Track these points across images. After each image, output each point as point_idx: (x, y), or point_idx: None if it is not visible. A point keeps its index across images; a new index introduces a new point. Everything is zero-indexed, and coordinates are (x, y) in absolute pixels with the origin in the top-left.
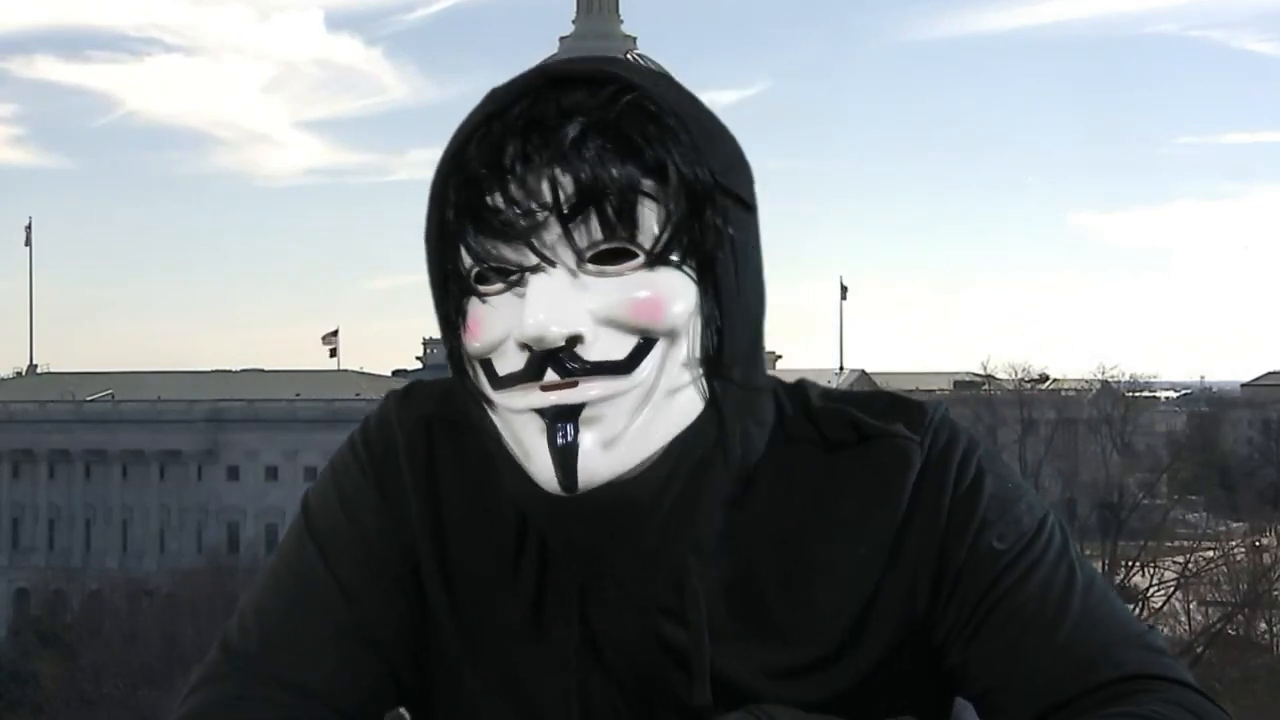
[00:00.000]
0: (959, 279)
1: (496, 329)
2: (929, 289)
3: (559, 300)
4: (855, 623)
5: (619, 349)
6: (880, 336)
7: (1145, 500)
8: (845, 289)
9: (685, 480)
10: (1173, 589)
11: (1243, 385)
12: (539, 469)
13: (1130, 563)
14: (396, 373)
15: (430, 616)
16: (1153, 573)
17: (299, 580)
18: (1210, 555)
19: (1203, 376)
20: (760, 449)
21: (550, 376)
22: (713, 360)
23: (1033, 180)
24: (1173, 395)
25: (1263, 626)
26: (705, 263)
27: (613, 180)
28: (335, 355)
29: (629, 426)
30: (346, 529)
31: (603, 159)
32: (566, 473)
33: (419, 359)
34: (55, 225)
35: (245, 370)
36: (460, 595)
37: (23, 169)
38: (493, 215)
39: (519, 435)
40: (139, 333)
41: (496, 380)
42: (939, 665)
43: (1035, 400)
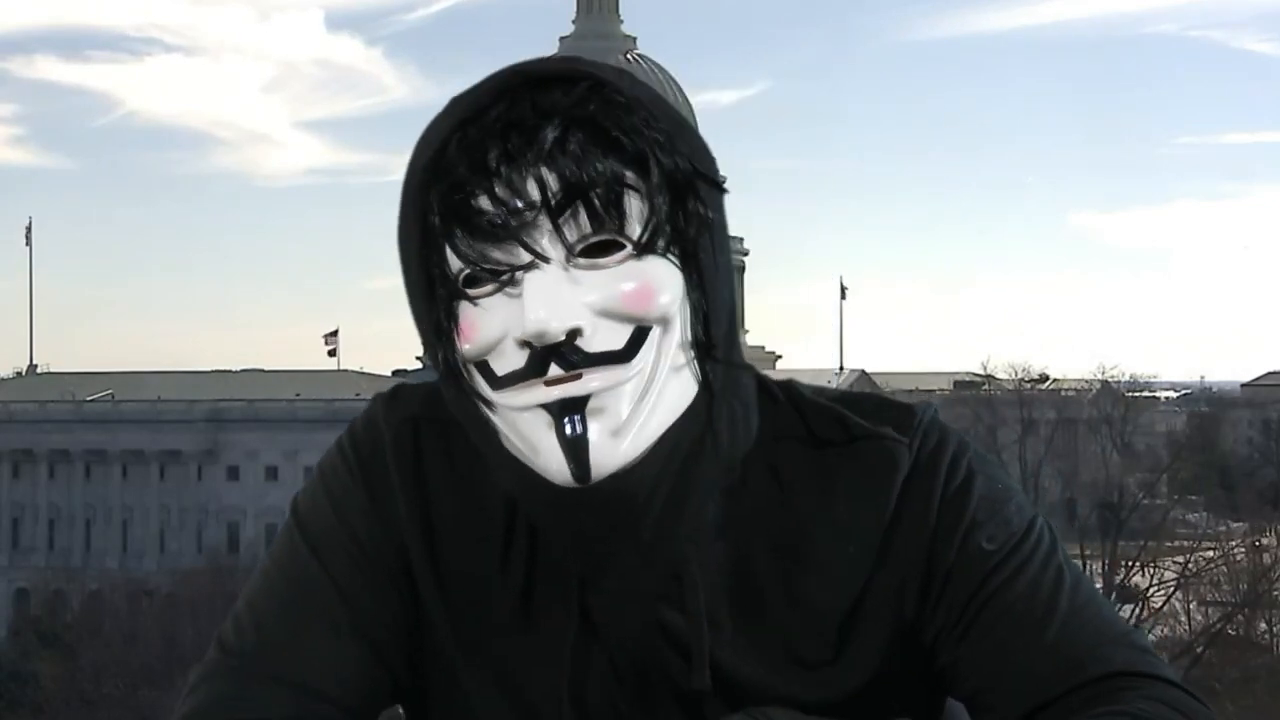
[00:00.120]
0: (959, 279)
1: (492, 330)
2: (929, 289)
3: (556, 295)
4: (845, 619)
5: (617, 339)
6: (880, 336)
7: (1145, 500)
8: (845, 289)
9: (679, 469)
10: (1173, 589)
11: (1243, 385)
12: (549, 463)
13: (1130, 563)
14: (396, 373)
15: (423, 615)
16: (1153, 573)
17: (293, 581)
18: (1210, 555)
19: (1203, 376)
20: (749, 439)
21: (554, 371)
22: (702, 344)
23: (1033, 180)
24: (1173, 395)
25: (1263, 626)
26: (688, 249)
27: (598, 174)
28: (335, 355)
29: (633, 414)
30: (338, 529)
31: (586, 154)
32: (579, 464)
33: (419, 359)
34: (55, 225)
35: (245, 370)
36: (451, 592)
37: (23, 169)
38: (480, 217)
39: (525, 432)
40: (139, 333)
41: (496, 381)
42: (930, 666)
43: (1035, 400)
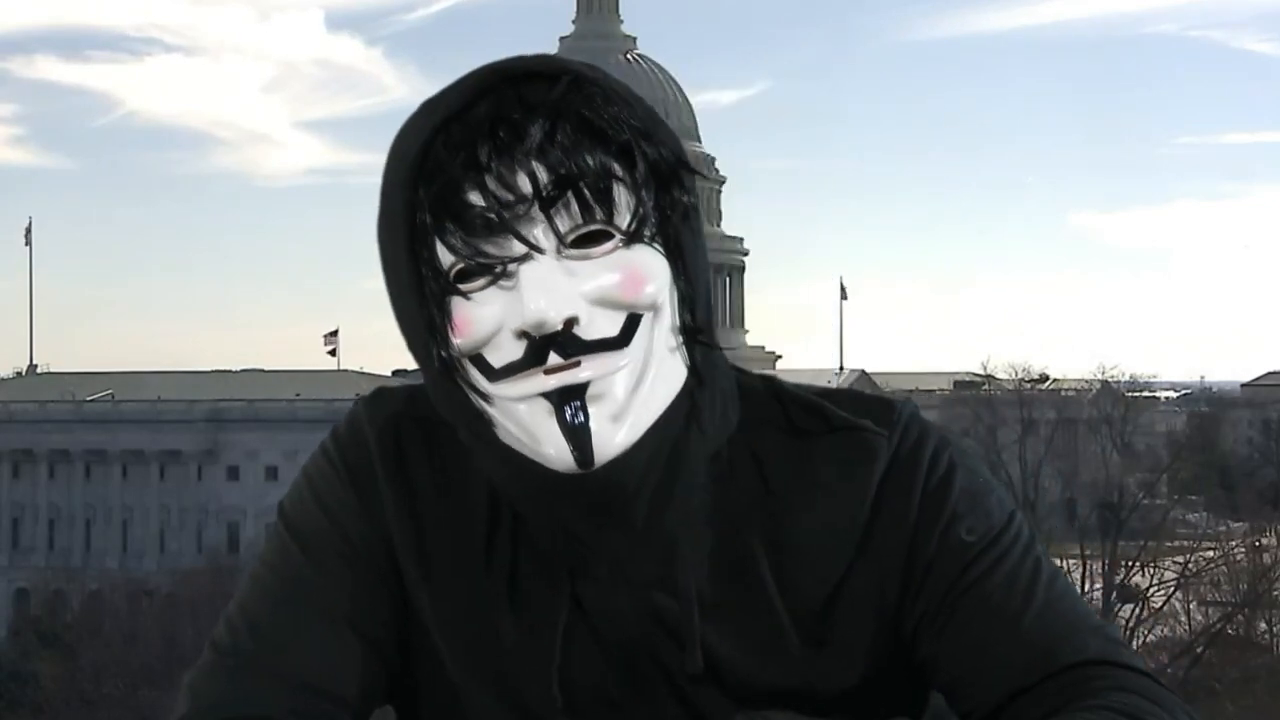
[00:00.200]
0: (959, 279)
1: (487, 323)
2: (929, 289)
3: (553, 285)
4: (828, 606)
5: (612, 326)
6: (880, 336)
7: (1145, 500)
8: (845, 289)
9: (668, 454)
10: (1173, 589)
11: (1243, 385)
12: (552, 450)
13: (1130, 563)
14: (396, 373)
15: (412, 612)
16: (1153, 573)
17: (285, 581)
18: (1210, 555)
19: (1203, 376)
20: (729, 427)
21: (553, 360)
22: (690, 329)
23: (1033, 180)
24: (1173, 395)
25: (1263, 626)
26: (672, 237)
27: (588, 166)
28: (335, 355)
29: (631, 399)
30: (327, 529)
31: (575, 147)
32: (582, 450)
33: None
34: (55, 225)
35: (245, 370)
36: (437, 585)
37: (23, 169)
38: (472, 211)
39: (525, 422)
40: (139, 333)
41: (493, 373)
42: (911, 658)
43: (1035, 400)
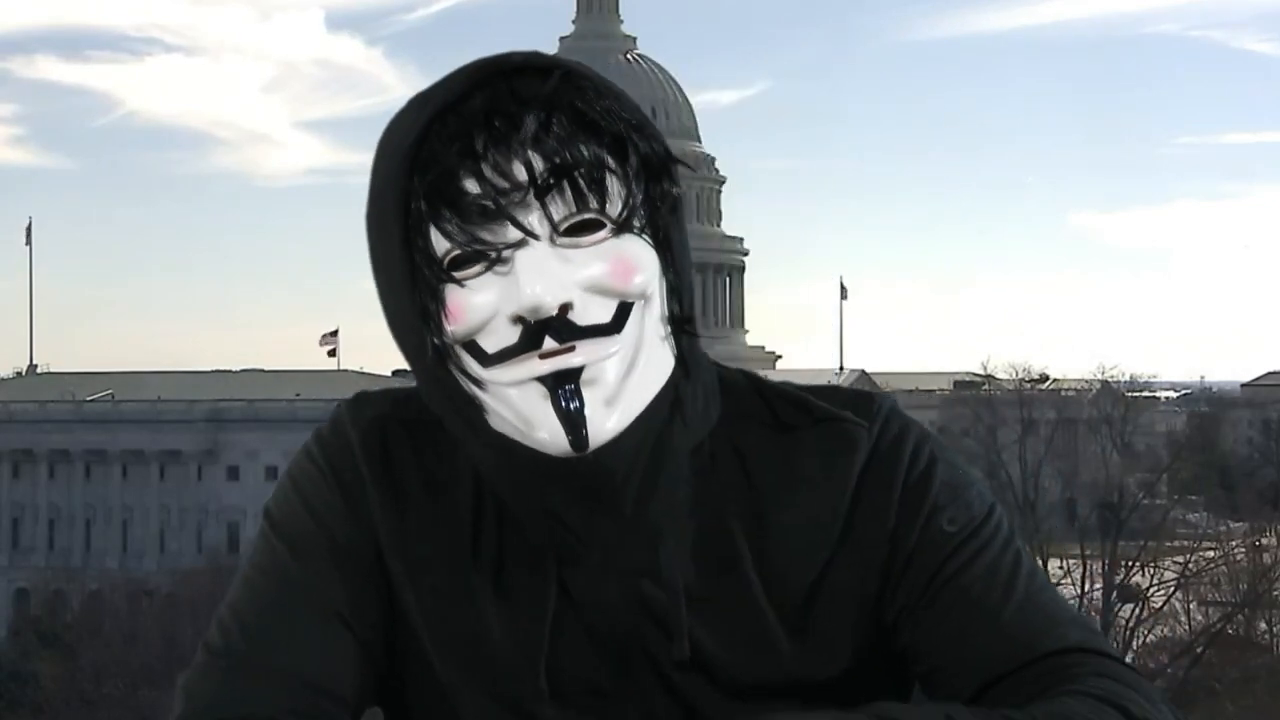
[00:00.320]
0: (959, 279)
1: (483, 309)
2: (929, 289)
3: (549, 270)
4: (810, 596)
5: (605, 313)
6: (880, 336)
7: (1145, 500)
8: (845, 289)
9: (653, 443)
10: (1173, 589)
11: (1243, 385)
12: (547, 434)
13: (1130, 563)
14: (396, 373)
15: (399, 613)
16: (1153, 573)
17: (275, 582)
18: (1210, 555)
19: (1203, 376)
20: (710, 420)
21: (548, 344)
22: (678, 319)
23: (1033, 180)
24: (1173, 395)
25: (1263, 626)
26: (661, 227)
27: (582, 156)
28: (335, 355)
29: (624, 384)
30: (314, 529)
31: (571, 138)
32: (576, 433)
33: None
34: (55, 225)
35: (245, 370)
36: (424, 581)
37: (23, 169)
38: (468, 199)
39: (519, 406)
40: (139, 333)
41: (486, 358)
42: (892, 648)
43: (1035, 400)
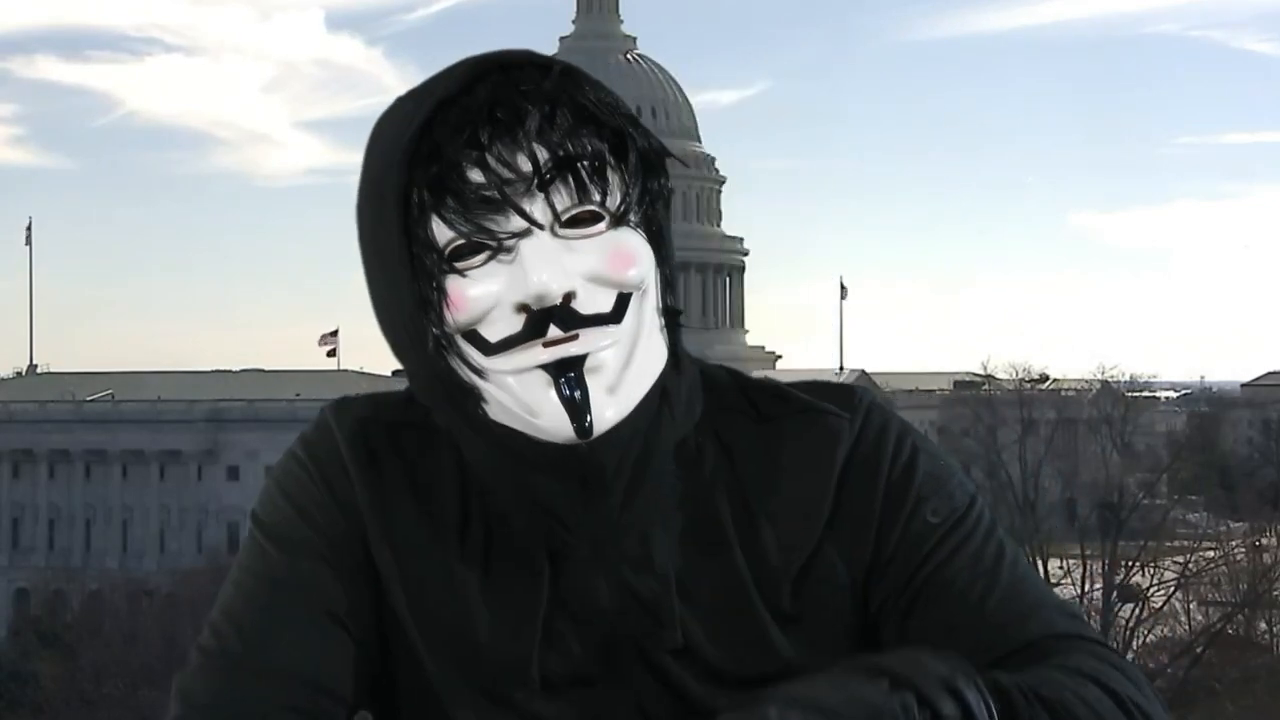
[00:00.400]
0: (959, 279)
1: (486, 298)
2: (929, 289)
3: (553, 260)
4: (796, 590)
5: (606, 303)
6: (880, 336)
7: (1145, 500)
8: (845, 289)
9: (644, 434)
10: (1173, 589)
11: (1243, 385)
12: (550, 421)
13: (1130, 563)
14: (396, 373)
15: (388, 609)
16: (1153, 573)
17: (266, 582)
18: (1210, 555)
19: (1203, 376)
20: (695, 414)
21: (552, 332)
22: (669, 310)
23: (1033, 180)
24: (1173, 395)
25: (1263, 626)
26: (655, 220)
27: (585, 149)
28: (335, 355)
29: (624, 372)
30: (302, 529)
31: (573, 130)
32: (580, 419)
33: None
34: (55, 225)
35: (245, 370)
36: (412, 575)
37: (23, 169)
38: (472, 188)
39: (522, 394)
40: (139, 333)
41: (488, 347)
42: (879, 637)
43: (1035, 400)
